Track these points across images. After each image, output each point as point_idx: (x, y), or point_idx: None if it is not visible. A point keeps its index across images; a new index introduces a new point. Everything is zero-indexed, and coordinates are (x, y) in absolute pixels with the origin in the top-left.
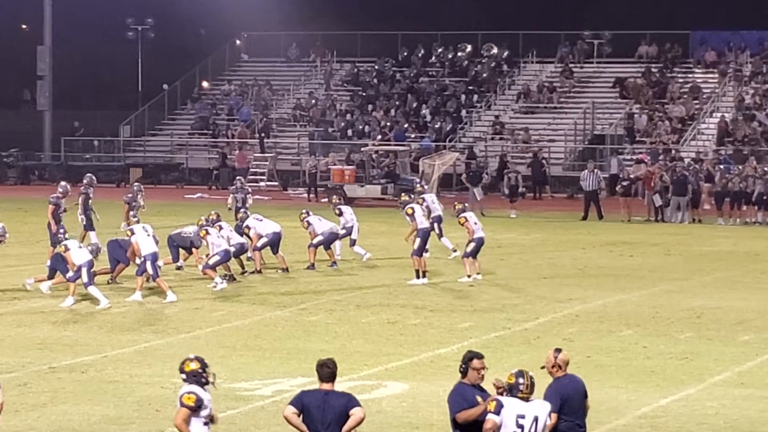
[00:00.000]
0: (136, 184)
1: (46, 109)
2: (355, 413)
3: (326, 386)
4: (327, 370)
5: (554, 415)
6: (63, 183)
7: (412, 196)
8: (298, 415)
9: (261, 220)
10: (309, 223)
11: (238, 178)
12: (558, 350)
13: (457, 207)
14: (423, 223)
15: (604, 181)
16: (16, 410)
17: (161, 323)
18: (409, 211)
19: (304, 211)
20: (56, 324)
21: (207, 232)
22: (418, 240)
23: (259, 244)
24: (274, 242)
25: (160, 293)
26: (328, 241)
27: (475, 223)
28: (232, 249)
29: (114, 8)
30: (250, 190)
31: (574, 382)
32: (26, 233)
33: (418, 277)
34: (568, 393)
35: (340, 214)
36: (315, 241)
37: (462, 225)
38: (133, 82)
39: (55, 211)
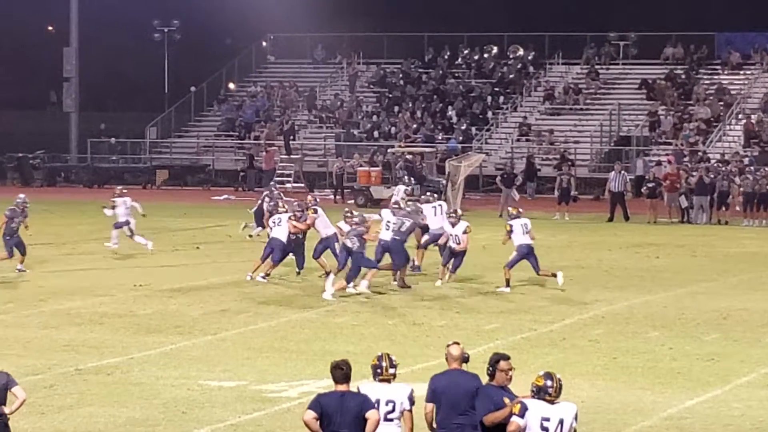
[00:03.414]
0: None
1: (73, 110)
2: (371, 417)
3: (341, 388)
4: (341, 372)
5: (429, 405)
6: (21, 195)
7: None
8: (317, 419)
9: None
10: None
11: (272, 182)
12: (451, 344)
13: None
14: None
15: (630, 183)
16: (42, 412)
17: (187, 325)
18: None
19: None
20: (82, 326)
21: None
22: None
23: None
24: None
25: (185, 295)
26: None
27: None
28: None
29: (140, 10)
30: (282, 196)
31: (459, 379)
32: (52, 235)
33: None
34: (444, 387)
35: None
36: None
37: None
38: (160, 83)
39: (7, 224)
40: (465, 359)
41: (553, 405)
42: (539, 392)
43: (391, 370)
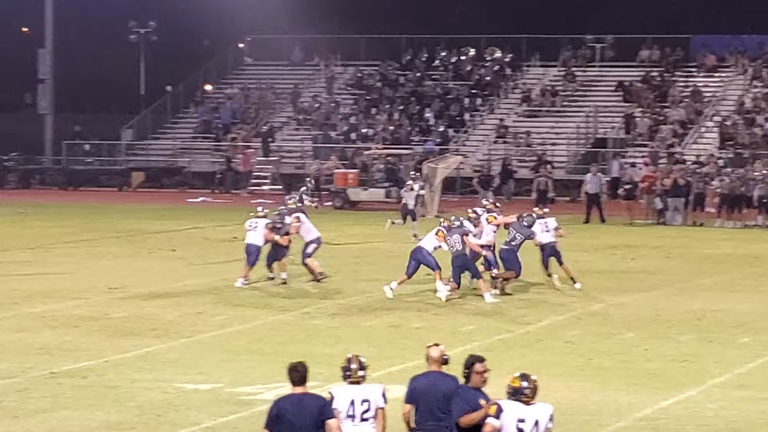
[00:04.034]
0: None
1: (48, 112)
2: (331, 425)
3: (298, 390)
4: (297, 374)
5: (407, 406)
6: None
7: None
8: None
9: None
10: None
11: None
12: (431, 345)
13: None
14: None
15: (606, 185)
16: (16, 416)
17: (163, 328)
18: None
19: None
20: (57, 329)
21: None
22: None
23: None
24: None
25: (161, 298)
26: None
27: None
28: None
29: (116, 11)
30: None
31: (438, 380)
32: (27, 237)
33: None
34: (423, 389)
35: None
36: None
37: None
38: (136, 85)
39: None
40: (445, 361)
41: (529, 406)
42: (515, 394)
43: (361, 373)
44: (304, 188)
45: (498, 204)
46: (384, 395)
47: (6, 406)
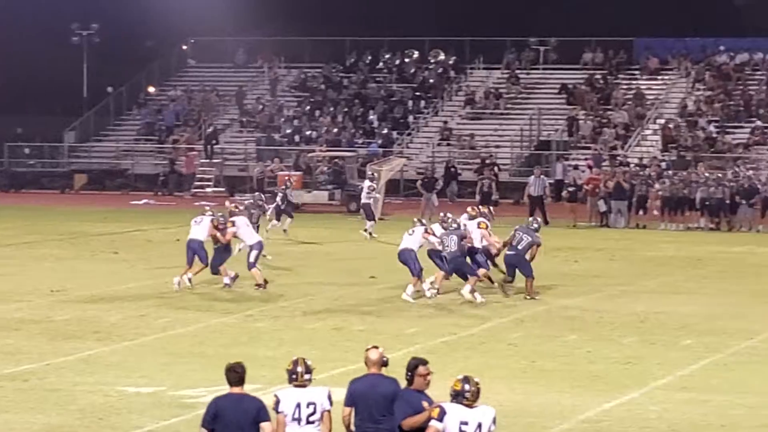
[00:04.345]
0: None
1: None
2: (265, 429)
3: (236, 390)
4: (235, 375)
5: (347, 409)
6: None
7: None
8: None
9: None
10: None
11: (257, 193)
12: (370, 348)
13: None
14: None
15: (550, 187)
16: None
17: (105, 330)
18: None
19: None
20: None
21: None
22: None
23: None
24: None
25: (103, 301)
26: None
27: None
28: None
29: (59, 13)
30: (267, 208)
31: (377, 383)
32: None
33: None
34: (362, 392)
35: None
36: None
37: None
38: (78, 87)
39: None
40: (384, 363)
41: (472, 409)
42: (457, 396)
43: (307, 376)
44: (281, 192)
45: (483, 210)
46: (330, 398)
47: None
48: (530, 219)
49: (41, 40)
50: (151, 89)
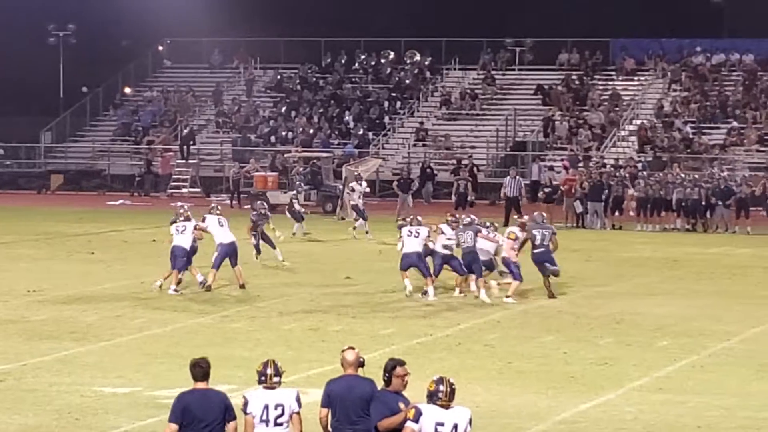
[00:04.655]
0: None
1: None
2: (230, 429)
3: (201, 385)
4: (200, 370)
5: (324, 410)
6: None
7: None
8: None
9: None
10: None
11: (259, 202)
12: (346, 349)
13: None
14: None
15: (525, 188)
16: None
17: (81, 331)
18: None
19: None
20: None
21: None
22: None
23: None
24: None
25: (80, 301)
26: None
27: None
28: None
29: (35, 14)
30: (270, 216)
31: (354, 384)
32: None
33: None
34: (339, 393)
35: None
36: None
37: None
38: (55, 88)
39: None
40: (360, 364)
41: (448, 410)
42: (431, 397)
43: (276, 378)
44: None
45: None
46: (299, 400)
47: None
48: (535, 214)
49: (17, 40)
50: (127, 90)
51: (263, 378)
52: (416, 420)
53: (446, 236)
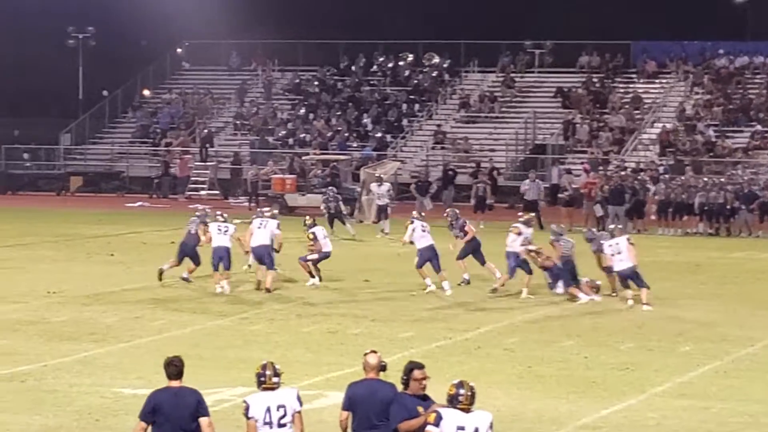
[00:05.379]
0: None
1: None
2: (203, 423)
3: (175, 383)
4: (174, 368)
5: (344, 413)
6: None
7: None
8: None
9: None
10: (315, 236)
11: (330, 188)
12: (369, 352)
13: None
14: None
15: (544, 191)
16: None
17: (101, 332)
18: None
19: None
20: None
21: None
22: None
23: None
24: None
25: (99, 302)
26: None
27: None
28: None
29: (55, 16)
30: (341, 198)
31: (376, 387)
32: None
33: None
34: (360, 396)
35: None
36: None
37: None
38: (74, 90)
39: None
40: (382, 368)
41: (468, 414)
42: (452, 401)
43: (275, 379)
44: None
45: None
46: (299, 398)
47: None
48: (553, 226)
49: (37, 43)
50: (146, 92)
51: (262, 379)
52: (437, 424)
53: (524, 236)
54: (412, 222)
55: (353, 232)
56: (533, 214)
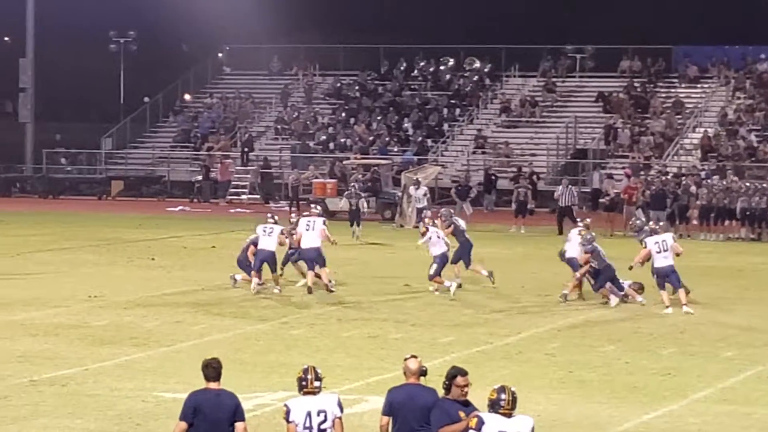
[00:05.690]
0: None
1: (28, 121)
2: (238, 428)
3: (213, 385)
4: (212, 370)
5: (385, 418)
6: None
7: None
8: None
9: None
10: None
11: (352, 184)
12: (409, 357)
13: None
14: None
15: (578, 197)
16: None
17: (142, 336)
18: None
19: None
20: (37, 337)
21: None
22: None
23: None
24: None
25: (140, 307)
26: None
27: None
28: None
29: (97, 21)
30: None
31: (416, 393)
32: (6, 245)
33: None
34: (401, 401)
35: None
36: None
37: None
38: (115, 94)
39: None
40: (423, 373)
41: (510, 419)
42: (493, 406)
43: (317, 383)
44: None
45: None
46: (340, 405)
47: None
48: (583, 232)
49: (80, 48)
50: (187, 96)
51: (304, 383)
52: (479, 428)
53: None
54: (427, 230)
55: (358, 234)
56: (589, 220)
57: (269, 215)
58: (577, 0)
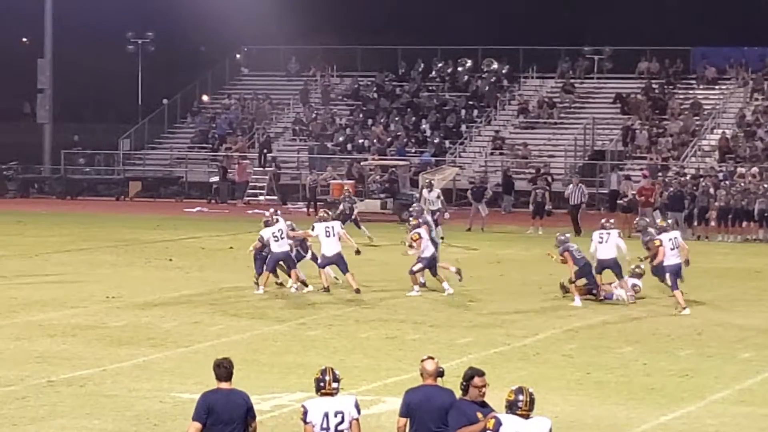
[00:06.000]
0: None
1: (46, 122)
2: (250, 428)
3: (225, 385)
4: (224, 370)
5: (402, 419)
6: None
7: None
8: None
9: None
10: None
11: (346, 189)
12: (426, 358)
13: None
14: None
15: (588, 195)
16: (15, 424)
17: (160, 337)
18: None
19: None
20: (55, 337)
21: None
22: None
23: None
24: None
25: (158, 307)
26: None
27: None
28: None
29: (114, 22)
30: (356, 201)
31: (433, 394)
32: (25, 246)
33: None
34: (418, 403)
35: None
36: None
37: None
38: (133, 95)
39: None
40: (440, 374)
41: (527, 420)
42: (511, 407)
43: (334, 384)
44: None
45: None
46: (357, 406)
47: (4, 414)
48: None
49: (98, 49)
50: (205, 98)
51: (322, 385)
52: (496, 430)
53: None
54: (420, 237)
55: (368, 234)
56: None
57: (266, 213)
58: (595, 1)
